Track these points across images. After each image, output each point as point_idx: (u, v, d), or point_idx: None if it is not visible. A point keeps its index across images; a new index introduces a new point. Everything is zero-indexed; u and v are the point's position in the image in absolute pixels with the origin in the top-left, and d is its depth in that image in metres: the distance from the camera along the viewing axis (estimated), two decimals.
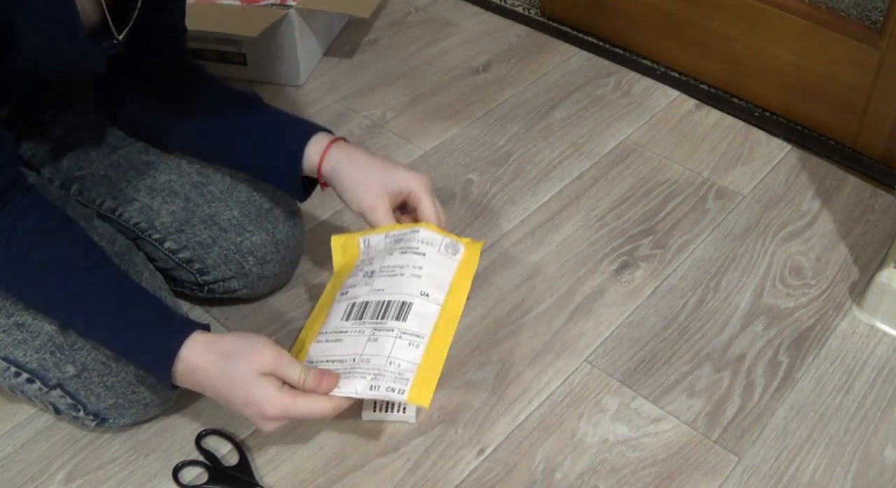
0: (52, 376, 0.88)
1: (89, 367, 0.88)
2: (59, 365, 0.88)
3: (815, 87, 1.36)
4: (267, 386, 0.81)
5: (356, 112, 1.42)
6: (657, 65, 1.53)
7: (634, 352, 1.06)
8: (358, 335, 0.89)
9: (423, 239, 0.94)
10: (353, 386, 0.85)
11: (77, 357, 0.88)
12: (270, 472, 0.94)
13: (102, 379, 0.89)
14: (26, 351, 0.87)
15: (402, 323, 0.88)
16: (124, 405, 0.91)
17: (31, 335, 0.87)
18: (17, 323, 0.87)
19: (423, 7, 1.68)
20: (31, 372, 0.88)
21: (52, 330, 0.88)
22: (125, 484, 0.92)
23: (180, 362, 0.83)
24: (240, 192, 1.03)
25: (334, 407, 0.84)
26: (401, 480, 0.93)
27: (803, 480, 0.94)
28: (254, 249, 1.02)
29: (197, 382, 0.84)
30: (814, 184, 1.30)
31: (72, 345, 0.88)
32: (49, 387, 0.89)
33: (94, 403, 0.90)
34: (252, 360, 0.82)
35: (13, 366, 0.88)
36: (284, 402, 0.82)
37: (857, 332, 1.09)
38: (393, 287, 0.91)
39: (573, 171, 1.32)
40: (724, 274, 1.16)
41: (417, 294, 0.90)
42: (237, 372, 0.82)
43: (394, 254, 0.94)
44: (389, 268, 0.93)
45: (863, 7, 1.28)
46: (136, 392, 0.91)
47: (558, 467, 0.94)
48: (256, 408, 0.82)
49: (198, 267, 1.02)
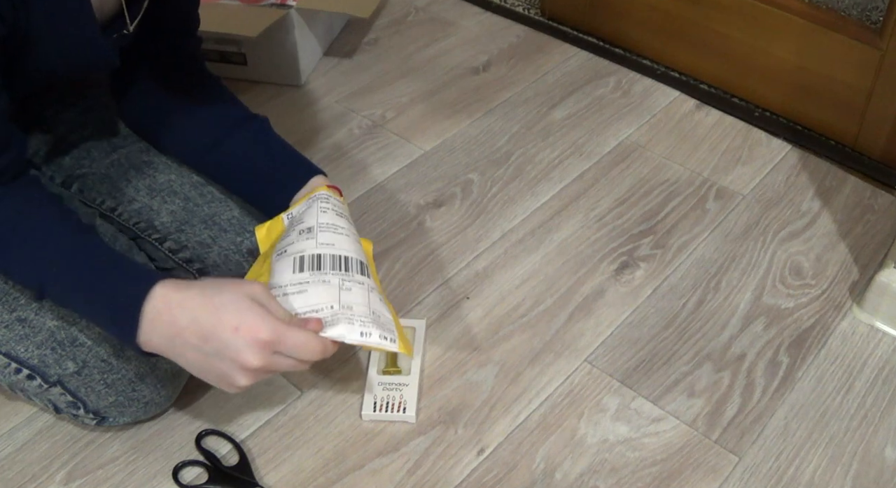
0: (53, 373, 0.88)
1: (90, 364, 0.88)
2: (59, 361, 0.88)
3: (815, 87, 1.36)
4: (258, 309, 0.76)
5: (356, 112, 1.42)
6: (657, 65, 1.53)
7: (634, 352, 1.06)
8: (324, 284, 0.85)
9: (334, 202, 0.93)
10: (342, 330, 0.81)
11: (78, 353, 0.88)
12: (270, 472, 0.94)
13: (103, 377, 0.89)
14: (28, 346, 0.88)
15: (367, 278, 0.87)
16: (124, 403, 0.91)
17: (33, 330, 0.88)
18: (19, 318, 0.88)
19: (423, 7, 1.68)
20: (32, 368, 0.88)
21: (53, 326, 0.88)
22: (125, 483, 0.92)
23: (152, 300, 0.76)
24: None
25: (324, 347, 0.79)
26: (401, 480, 0.93)
27: (803, 480, 0.94)
28: (254, 249, 1.02)
29: (172, 324, 0.76)
30: (814, 184, 1.30)
31: (73, 341, 0.88)
32: (49, 384, 0.89)
33: (94, 401, 0.90)
34: (242, 287, 0.78)
35: (14, 362, 0.88)
36: (277, 327, 0.76)
37: (857, 332, 1.09)
38: (342, 243, 0.88)
39: (573, 171, 1.32)
40: (724, 274, 1.16)
41: (360, 253, 0.90)
42: (226, 298, 0.76)
43: (327, 213, 0.91)
44: (328, 225, 0.90)
45: (863, 7, 1.28)
46: (137, 390, 0.91)
47: (558, 467, 0.94)
48: (249, 333, 0.75)
49: (198, 266, 1.02)
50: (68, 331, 0.88)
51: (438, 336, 1.08)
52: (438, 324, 1.09)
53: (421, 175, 1.30)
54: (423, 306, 1.11)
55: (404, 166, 1.32)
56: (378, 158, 1.33)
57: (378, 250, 1.18)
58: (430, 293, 1.13)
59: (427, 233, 1.21)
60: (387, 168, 1.32)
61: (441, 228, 1.22)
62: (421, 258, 1.18)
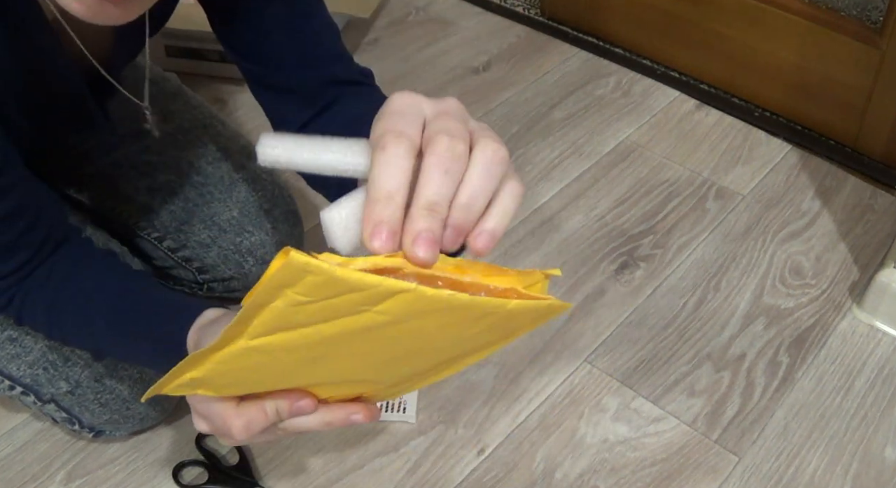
0: (46, 391, 0.88)
1: (83, 385, 0.88)
2: (52, 381, 0.87)
3: (815, 87, 1.36)
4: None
5: None
6: (657, 65, 1.53)
7: (634, 352, 1.06)
8: None
9: None
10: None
11: (70, 374, 0.88)
12: (270, 472, 0.94)
13: (96, 397, 0.89)
14: (20, 365, 0.87)
15: None
16: (119, 420, 0.91)
17: (24, 350, 0.87)
18: (10, 337, 0.87)
19: (423, 7, 1.68)
20: (26, 386, 0.88)
21: (45, 346, 0.87)
22: (125, 483, 0.92)
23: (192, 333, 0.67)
24: (239, 192, 1.03)
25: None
26: (401, 480, 0.93)
27: (803, 480, 0.94)
28: (253, 249, 1.02)
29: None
30: (814, 184, 1.30)
31: (65, 361, 0.87)
32: (43, 402, 0.89)
33: (89, 418, 0.90)
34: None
35: (7, 379, 0.88)
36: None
37: (857, 332, 1.09)
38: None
39: (573, 171, 1.32)
40: (724, 274, 1.16)
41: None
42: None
43: None
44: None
45: (863, 7, 1.28)
46: (131, 408, 0.91)
47: (558, 467, 0.94)
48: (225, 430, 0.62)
49: (197, 265, 1.02)
50: (60, 351, 0.88)
51: None
52: None
53: None
54: None
55: None
56: None
57: None
58: None
59: None
60: None
61: None
62: None
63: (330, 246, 0.47)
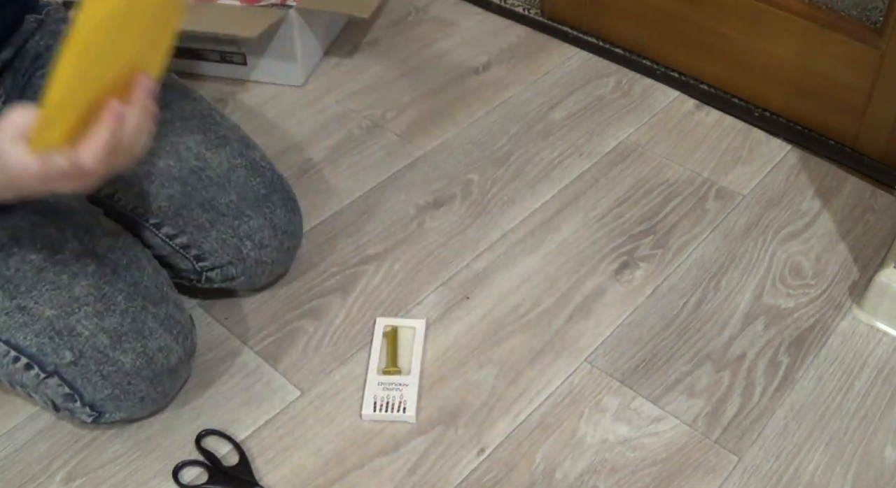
0: (50, 362, 0.88)
1: (86, 355, 0.89)
2: (57, 350, 0.88)
3: (815, 87, 1.36)
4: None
5: (356, 112, 1.42)
6: (657, 65, 1.53)
7: (634, 352, 1.06)
8: None
9: None
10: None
11: (75, 343, 0.88)
12: (270, 472, 0.94)
13: (99, 368, 0.89)
14: (27, 334, 0.88)
15: None
16: (120, 397, 0.91)
17: (32, 318, 0.88)
18: (19, 305, 0.88)
19: (423, 7, 1.68)
20: (30, 356, 0.89)
21: (52, 315, 0.88)
22: (125, 483, 0.92)
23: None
24: (238, 177, 1.04)
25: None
26: (401, 480, 0.93)
27: (803, 480, 0.94)
28: (251, 233, 1.03)
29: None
30: (814, 184, 1.30)
31: (70, 331, 0.88)
32: (46, 374, 0.89)
33: (90, 393, 0.90)
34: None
35: (13, 349, 0.89)
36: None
37: (857, 332, 1.09)
38: None
39: (573, 171, 1.32)
40: (724, 274, 1.16)
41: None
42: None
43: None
44: None
45: (863, 7, 1.28)
46: (132, 383, 0.91)
47: (558, 467, 0.94)
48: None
49: (195, 253, 1.02)
50: (66, 320, 0.89)
51: (438, 336, 1.08)
52: (438, 324, 1.09)
53: (421, 175, 1.30)
54: (423, 306, 1.11)
55: (404, 166, 1.32)
56: (378, 158, 1.33)
57: (378, 250, 1.18)
58: (430, 293, 1.13)
59: (427, 233, 1.21)
60: (387, 168, 1.32)
61: (441, 228, 1.22)
62: (421, 258, 1.18)
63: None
